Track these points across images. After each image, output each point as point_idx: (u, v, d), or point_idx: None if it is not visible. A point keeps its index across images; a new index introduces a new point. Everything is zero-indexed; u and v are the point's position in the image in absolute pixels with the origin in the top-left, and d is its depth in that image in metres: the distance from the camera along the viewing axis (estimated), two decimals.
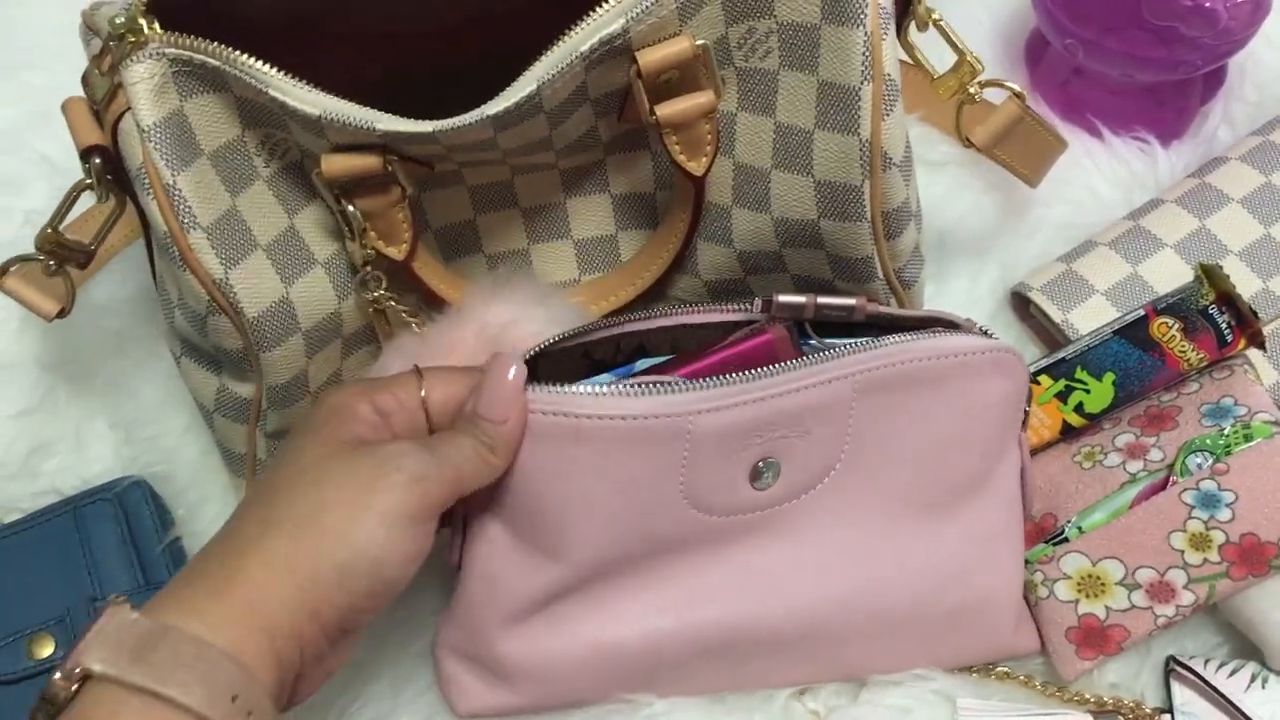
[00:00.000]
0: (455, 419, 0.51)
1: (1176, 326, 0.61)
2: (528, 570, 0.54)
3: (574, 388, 0.51)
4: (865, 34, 0.51)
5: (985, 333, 0.56)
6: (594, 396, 0.51)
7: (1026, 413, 0.58)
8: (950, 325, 0.56)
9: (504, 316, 0.55)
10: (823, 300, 0.55)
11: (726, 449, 0.53)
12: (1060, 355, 0.64)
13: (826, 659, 0.59)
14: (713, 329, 0.57)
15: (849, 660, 0.59)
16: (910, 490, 0.56)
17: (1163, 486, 0.59)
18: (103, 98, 0.51)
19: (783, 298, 0.54)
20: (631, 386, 0.52)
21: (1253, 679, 0.59)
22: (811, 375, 0.53)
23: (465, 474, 0.49)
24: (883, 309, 0.56)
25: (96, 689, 0.42)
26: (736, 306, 0.56)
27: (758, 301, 0.55)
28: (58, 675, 0.42)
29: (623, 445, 0.52)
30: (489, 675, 0.57)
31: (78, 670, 0.42)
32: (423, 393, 0.51)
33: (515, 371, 0.50)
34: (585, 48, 0.50)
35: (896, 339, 0.54)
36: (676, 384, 0.52)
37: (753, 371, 0.53)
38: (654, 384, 0.52)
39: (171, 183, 0.50)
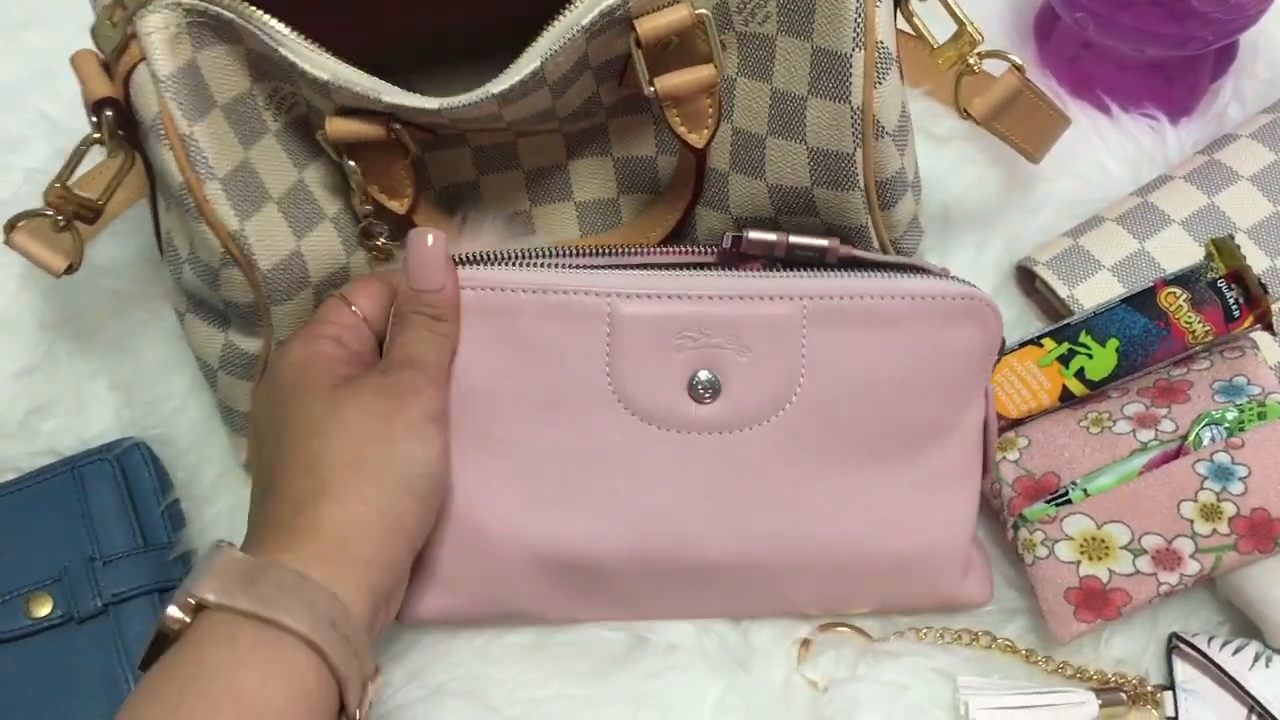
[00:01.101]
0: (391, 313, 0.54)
1: (1184, 297, 0.61)
2: (456, 463, 0.54)
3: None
4: (858, 0, 0.51)
5: (963, 283, 0.55)
6: (523, 270, 0.53)
7: (996, 361, 0.57)
8: (924, 273, 0.55)
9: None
10: (794, 240, 0.54)
11: (652, 344, 0.53)
12: (1066, 321, 0.63)
13: (769, 593, 0.59)
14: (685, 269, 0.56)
15: (792, 596, 0.59)
16: (868, 433, 0.56)
17: (1174, 456, 0.59)
18: (113, 50, 0.50)
19: (753, 234, 0.54)
20: (563, 264, 0.53)
21: (1256, 657, 0.59)
22: (748, 287, 0.54)
23: (432, 358, 0.52)
24: (858, 252, 0.55)
25: (209, 620, 0.44)
26: (708, 248, 0.56)
27: (729, 237, 0.55)
28: (170, 610, 0.44)
29: (547, 319, 0.53)
30: (426, 578, 0.56)
31: (191, 601, 0.44)
32: (354, 309, 0.54)
33: (434, 238, 0.52)
34: (586, 21, 0.50)
35: (861, 274, 0.54)
36: (606, 267, 0.54)
37: (688, 270, 0.54)
38: (582, 264, 0.54)
39: (188, 133, 0.50)
